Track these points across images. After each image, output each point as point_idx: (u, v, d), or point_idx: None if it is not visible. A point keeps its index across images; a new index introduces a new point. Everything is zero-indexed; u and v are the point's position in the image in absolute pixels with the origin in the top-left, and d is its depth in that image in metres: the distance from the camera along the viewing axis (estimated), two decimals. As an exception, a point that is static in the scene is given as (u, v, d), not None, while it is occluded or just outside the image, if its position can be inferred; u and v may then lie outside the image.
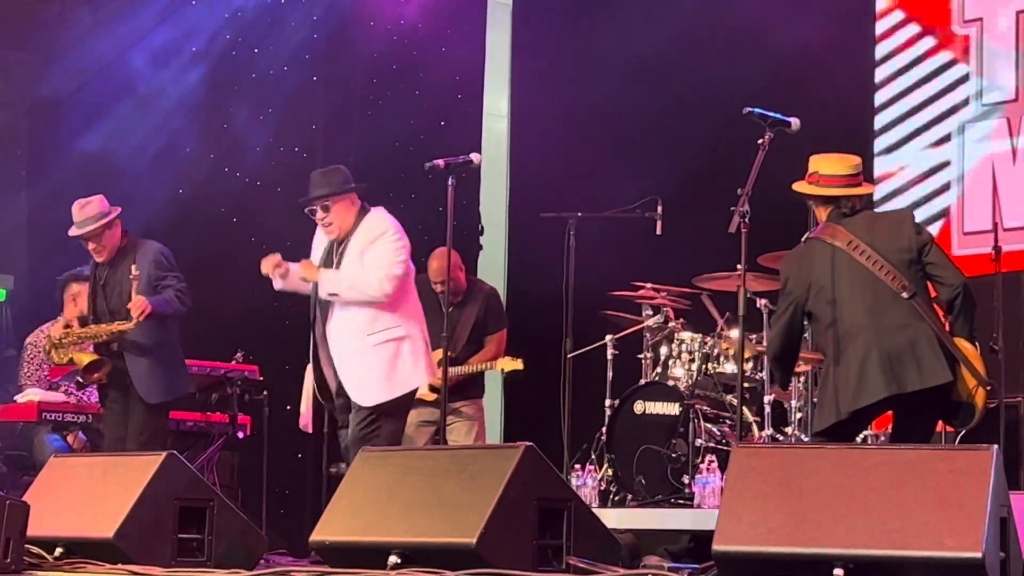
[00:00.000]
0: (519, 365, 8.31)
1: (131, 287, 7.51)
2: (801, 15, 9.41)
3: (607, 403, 8.24)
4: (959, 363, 6.03)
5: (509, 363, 8.32)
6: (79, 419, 8.62)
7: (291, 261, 7.07)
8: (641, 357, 8.44)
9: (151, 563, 5.43)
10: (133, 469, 5.76)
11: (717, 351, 8.15)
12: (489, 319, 8.55)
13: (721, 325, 8.19)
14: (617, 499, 7.98)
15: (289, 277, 7.04)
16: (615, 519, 6.95)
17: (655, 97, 10.15)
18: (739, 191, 6.19)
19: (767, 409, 7.81)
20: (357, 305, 6.88)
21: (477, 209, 11.09)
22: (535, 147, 10.83)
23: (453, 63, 11.16)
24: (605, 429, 8.16)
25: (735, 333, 7.94)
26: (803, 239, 6.36)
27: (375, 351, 6.86)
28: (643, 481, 7.85)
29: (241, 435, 9.13)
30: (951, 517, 4.10)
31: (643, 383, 8.25)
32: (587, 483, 7.73)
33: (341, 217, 6.97)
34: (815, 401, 6.98)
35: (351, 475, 5.41)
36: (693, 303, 8.53)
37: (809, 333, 6.60)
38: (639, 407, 8.08)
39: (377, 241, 6.93)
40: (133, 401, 7.62)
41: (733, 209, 6.18)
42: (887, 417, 6.60)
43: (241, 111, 10.85)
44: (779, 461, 4.46)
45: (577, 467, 7.92)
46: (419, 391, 7.23)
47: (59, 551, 5.58)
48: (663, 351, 8.31)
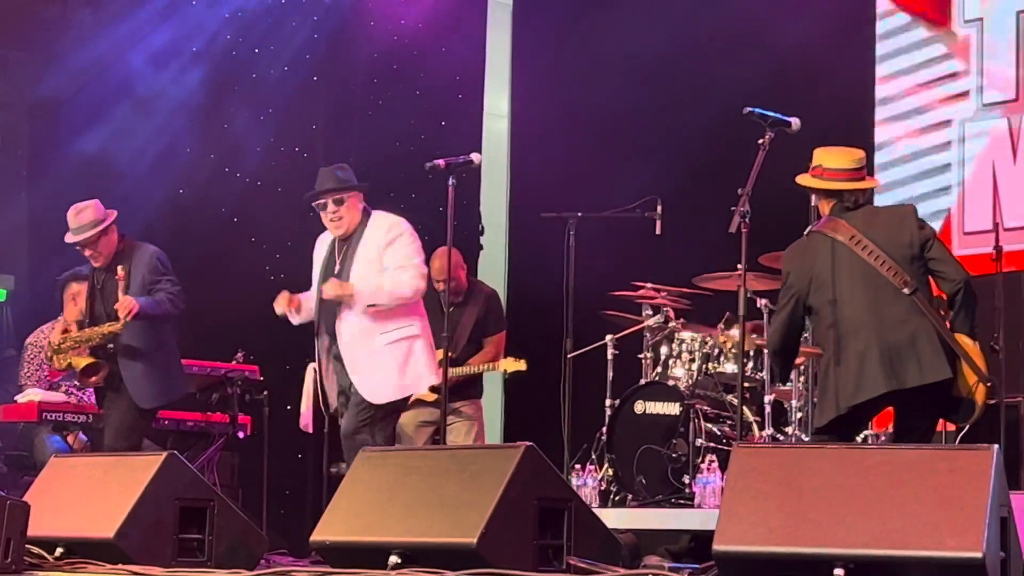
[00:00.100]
0: (522, 366, 8.30)
1: (126, 288, 7.54)
2: (801, 15, 9.41)
3: (607, 403, 8.23)
4: (960, 359, 6.03)
5: (512, 364, 8.32)
6: (79, 419, 8.61)
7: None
8: (641, 357, 8.44)
9: (152, 563, 5.43)
10: (134, 469, 5.76)
11: (716, 347, 8.12)
12: (489, 320, 8.55)
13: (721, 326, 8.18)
14: (617, 499, 7.97)
15: (303, 308, 7.02)
16: (615, 519, 6.94)
17: (655, 97, 10.16)
18: (739, 191, 6.19)
19: (767, 409, 7.80)
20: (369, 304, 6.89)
21: (477, 209, 11.08)
22: (535, 147, 10.82)
23: (453, 63, 11.16)
24: (605, 429, 8.16)
25: (735, 332, 7.96)
26: (805, 232, 6.36)
27: (388, 350, 6.88)
28: (643, 481, 7.85)
29: (241, 435, 9.13)
30: (951, 517, 4.10)
31: (643, 383, 8.25)
32: (587, 483, 7.72)
33: (351, 214, 7.00)
34: (815, 401, 6.98)
35: (351, 475, 5.40)
36: (693, 303, 8.53)
37: (809, 327, 6.59)
38: (639, 407, 8.08)
39: (397, 241, 6.96)
40: (123, 400, 7.65)
41: (733, 209, 6.19)
42: (888, 416, 6.60)
43: (241, 111, 10.85)
44: (779, 461, 4.46)
45: (577, 467, 7.92)
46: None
47: (59, 551, 5.58)
48: (663, 351, 8.31)
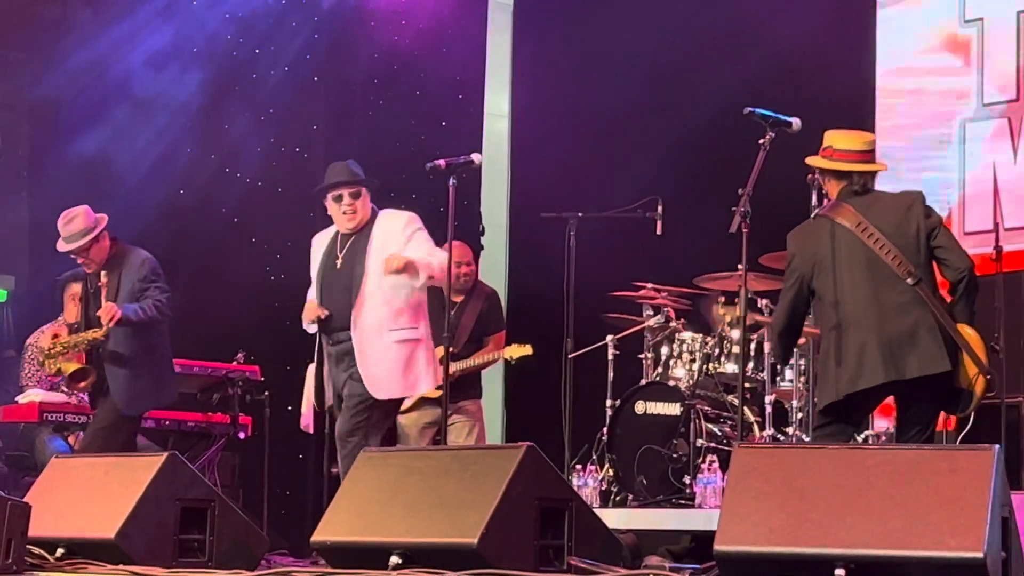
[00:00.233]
0: (528, 351, 8.25)
1: (115, 295, 7.56)
2: (802, 15, 9.41)
3: (608, 403, 8.23)
4: (961, 351, 6.03)
5: (518, 350, 8.26)
6: (80, 420, 8.61)
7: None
8: (642, 357, 8.43)
9: (152, 564, 5.43)
10: (134, 470, 5.76)
11: (719, 331, 8.05)
12: (491, 318, 8.56)
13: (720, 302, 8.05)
14: (618, 499, 7.97)
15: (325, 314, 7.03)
16: (616, 519, 6.94)
17: (656, 97, 10.16)
18: (740, 191, 6.19)
19: (768, 409, 7.80)
20: (384, 299, 6.91)
21: (478, 209, 11.08)
22: (536, 147, 10.82)
23: (454, 63, 11.16)
24: (606, 429, 8.15)
25: (736, 333, 7.96)
26: (812, 215, 6.34)
27: (395, 347, 6.93)
28: (644, 481, 7.85)
29: (242, 435, 9.13)
30: (952, 517, 4.10)
31: (644, 383, 8.24)
32: (588, 483, 7.72)
33: (364, 208, 7.06)
34: (816, 402, 6.97)
35: (352, 475, 5.40)
36: (694, 303, 8.53)
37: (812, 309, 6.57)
38: (640, 407, 8.07)
39: (417, 235, 7.06)
40: (109, 404, 7.67)
41: (734, 209, 6.18)
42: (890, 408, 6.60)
43: (242, 112, 10.85)
44: (780, 461, 4.46)
45: (578, 467, 7.91)
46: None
47: (60, 552, 5.58)
48: (664, 351, 8.30)
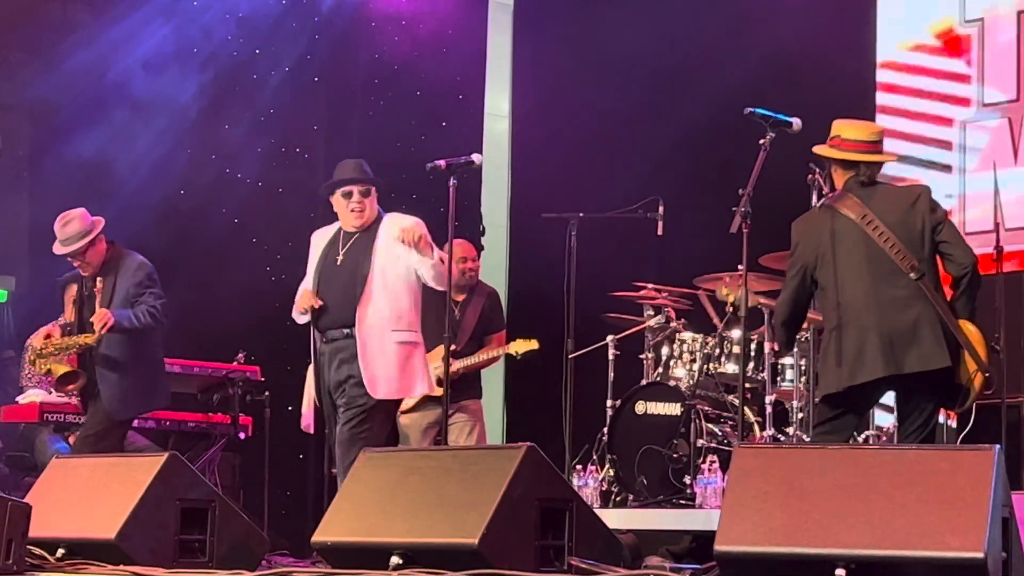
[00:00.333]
0: (535, 345, 8.24)
1: (109, 300, 7.56)
2: (802, 15, 9.41)
3: (608, 403, 8.23)
4: (962, 347, 6.03)
5: (523, 345, 8.25)
6: (81, 420, 8.60)
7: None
8: (642, 357, 8.43)
9: (153, 564, 5.44)
10: (135, 470, 5.76)
11: (719, 298, 8.00)
12: (493, 317, 8.57)
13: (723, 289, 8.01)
14: (619, 499, 7.97)
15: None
16: (617, 519, 6.94)
17: (656, 97, 10.16)
18: (740, 191, 6.19)
19: (769, 409, 7.79)
20: (388, 300, 6.92)
21: (478, 210, 11.08)
22: (536, 147, 10.82)
23: (454, 64, 11.16)
24: (607, 429, 8.15)
25: (736, 332, 7.96)
26: (818, 205, 6.34)
27: (395, 348, 6.93)
28: (645, 481, 7.85)
29: (243, 436, 9.13)
30: (953, 517, 4.10)
31: (644, 383, 8.24)
32: (589, 483, 7.72)
33: (372, 207, 7.05)
34: (816, 402, 6.97)
35: (353, 475, 5.41)
36: (694, 303, 8.53)
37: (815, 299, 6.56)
38: (640, 407, 8.07)
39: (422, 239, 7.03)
40: (99, 408, 7.68)
41: (734, 209, 6.18)
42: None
43: (242, 113, 10.84)
44: (781, 461, 4.46)
45: (579, 467, 7.91)
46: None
47: (61, 552, 5.58)
48: (664, 351, 8.30)
